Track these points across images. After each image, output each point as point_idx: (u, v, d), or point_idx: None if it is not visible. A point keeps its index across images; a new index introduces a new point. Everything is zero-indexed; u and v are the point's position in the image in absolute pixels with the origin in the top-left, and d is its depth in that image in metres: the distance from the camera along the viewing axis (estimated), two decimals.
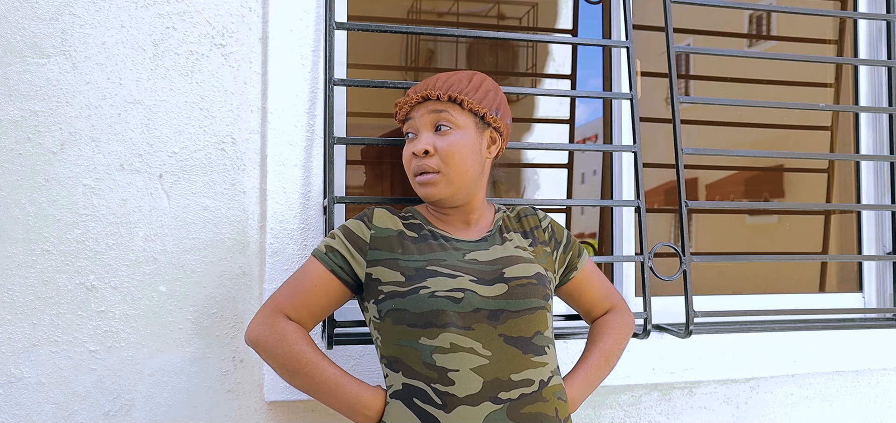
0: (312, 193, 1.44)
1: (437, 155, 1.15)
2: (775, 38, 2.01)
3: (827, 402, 1.79)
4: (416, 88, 1.20)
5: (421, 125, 1.18)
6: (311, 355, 1.12)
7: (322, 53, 1.45)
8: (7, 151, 1.33)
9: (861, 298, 1.97)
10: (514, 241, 1.21)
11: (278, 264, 1.41)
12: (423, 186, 1.17)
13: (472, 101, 1.16)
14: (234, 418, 1.42)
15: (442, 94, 1.16)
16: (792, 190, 2.00)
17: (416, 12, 1.70)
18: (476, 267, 1.12)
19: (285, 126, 1.43)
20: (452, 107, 1.16)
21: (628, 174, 1.73)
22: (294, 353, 1.11)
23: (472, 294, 1.08)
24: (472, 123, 1.18)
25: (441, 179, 1.16)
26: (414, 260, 1.13)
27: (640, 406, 1.65)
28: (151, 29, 1.40)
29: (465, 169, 1.16)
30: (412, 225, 1.20)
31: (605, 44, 1.66)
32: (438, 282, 1.08)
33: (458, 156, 1.15)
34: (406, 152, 1.21)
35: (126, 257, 1.37)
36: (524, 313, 1.10)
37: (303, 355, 1.11)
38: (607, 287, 1.36)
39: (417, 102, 1.18)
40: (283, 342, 1.12)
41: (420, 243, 1.16)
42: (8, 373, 1.32)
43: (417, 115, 1.18)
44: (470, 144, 1.17)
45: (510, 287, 1.11)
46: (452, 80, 1.18)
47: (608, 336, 1.30)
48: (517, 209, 1.31)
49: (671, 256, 1.67)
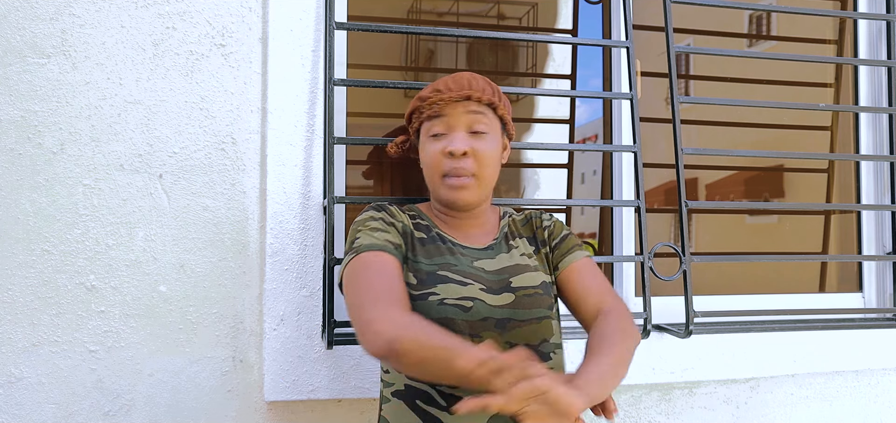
0: (312, 193, 1.44)
1: (473, 158, 1.13)
2: (775, 38, 2.01)
3: (827, 402, 1.79)
4: (447, 84, 1.15)
5: (456, 124, 1.14)
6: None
7: (322, 53, 1.45)
8: (7, 151, 1.33)
9: (861, 298, 1.97)
10: (520, 248, 1.19)
11: (278, 264, 1.41)
12: (453, 190, 1.13)
13: (502, 106, 1.17)
14: (234, 418, 1.42)
15: (482, 96, 1.14)
16: (792, 190, 2.00)
17: (416, 12, 1.70)
18: (484, 276, 1.11)
19: (285, 126, 1.43)
20: (488, 110, 1.15)
21: (628, 174, 1.73)
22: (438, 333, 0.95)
23: (480, 303, 1.07)
24: (499, 128, 1.18)
25: (475, 183, 1.13)
26: (424, 263, 1.11)
27: (640, 406, 1.65)
28: (151, 29, 1.40)
29: (493, 174, 1.16)
30: (419, 225, 1.18)
31: (605, 44, 1.66)
32: (448, 289, 1.07)
33: (491, 160, 1.14)
34: (433, 150, 1.15)
35: (126, 257, 1.37)
36: (530, 322, 1.09)
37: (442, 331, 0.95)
38: (603, 286, 1.18)
39: (455, 101, 1.13)
40: (420, 322, 0.96)
41: (429, 244, 1.14)
42: (8, 373, 1.32)
43: (453, 113, 1.14)
44: (497, 149, 1.17)
45: (517, 297, 1.09)
46: (481, 83, 1.16)
47: (614, 341, 1.06)
48: (526, 212, 1.28)
49: (671, 256, 1.67)
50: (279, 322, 1.40)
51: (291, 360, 1.40)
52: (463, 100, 1.14)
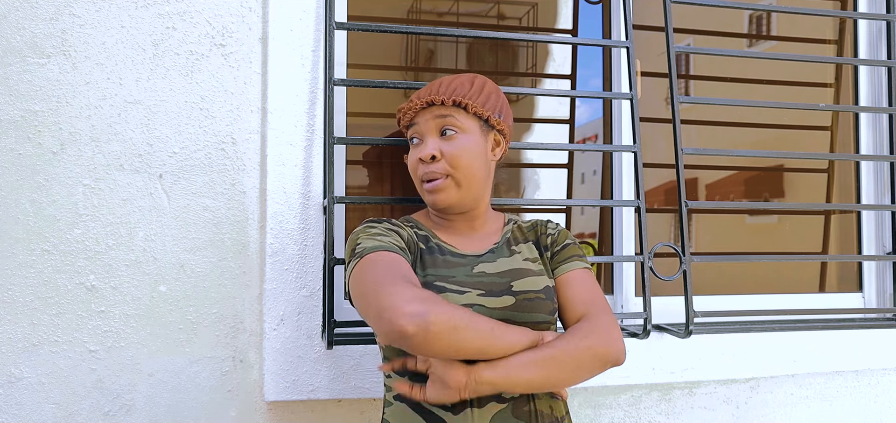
0: (312, 193, 1.44)
1: (444, 159, 1.14)
2: (775, 38, 2.01)
3: (827, 402, 1.79)
4: (419, 93, 1.18)
5: (426, 130, 1.17)
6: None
7: (322, 53, 1.45)
8: (7, 151, 1.33)
9: (861, 298, 1.97)
10: (523, 253, 1.19)
11: (278, 264, 1.41)
12: (431, 194, 1.16)
13: (476, 104, 1.16)
14: (234, 418, 1.42)
15: (446, 98, 1.15)
16: (792, 190, 2.00)
17: (416, 12, 1.70)
18: (484, 280, 1.11)
19: (285, 126, 1.43)
20: (457, 111, 1.16)
21: (628, 174, 1.73)
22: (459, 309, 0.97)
23: (479, 309, 1.06)
24: (477, 126, 1.17)
25: (450, 184, 1.15)
26: (420, 274, 1.10)
27: (640, 406, 1.65)
28: (151, 29, 1.40)
29: (472, 172, 1.15)
30: (418, 235, 1.18)
31: (605, 44, 1.66)
32: (447, 299, 1.06)
33: (465, 159, 1.14)
34: (412, 159, 1.19)
35: (126, 257, 1.37)
36: (528, 325, 1.09)
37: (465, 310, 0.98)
38: (594, 298, 1.15)
39: (422, 108, 1.17)
40: (448, 302, 0.96)
41: (426, 255, 1.14)
42: (8, 373, 1.32)
43: (422, 120, 1.17)
44: (476, 147, 1.16)
45: (517, 300, 1.09)
46: (455, 84, 1.18)
47: (567, 337, 1.05)
48: (532, 220, 1.28)
49: (671, 256, 1.67)
50: (279, 322, 1.40)
51: (291, 360, 1.40)
52: (427, 106, 1.16)
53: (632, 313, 1.56)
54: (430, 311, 0.90)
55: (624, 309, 1.72)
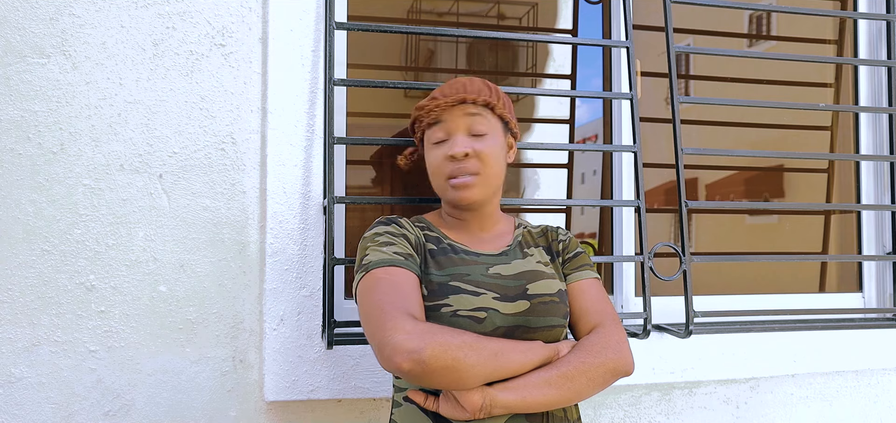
0: (312, 193, 1.44)
1: (477, 158, 1.15)
2: (775, 38, 2.01)
3: (827, 402, 1.79)
4: (443, 91, 1.18)
5: (454, 128, 1.16)
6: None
7: (322, 53, 1.45)
8: (7, 151, 1.33)
9: (861, 298, 1.97)
10: (535, 256, 1.19)
11: (278, 264, 1.41)
12: (458, 190, 1.15)
13: (501, 106, 1.18)
14: (234, 418, 1.42)
15: (477, 98, 1.16)
16: (792, 190, 2.00)
17: (416, 12, 1.70)
18: (499, 282, 1.10)
19: (285, 126, 1.43)
20: (486, 111, 1.17)
21: (628, 174, 1.73)
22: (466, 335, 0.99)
23: (494, 313, 1.06)
24: (500, 128, 1.20)
25: (479, 181, 1.15)
26: (436, 275, 1.10)
27: (640, 406, 1.65)
28: (151, 29, 1.40)
29: (498, 171, 1.18)
30: (430, 237, 1.18)
31: (605, 44, 1.66)
32: (461, 300, 1.06)
33: (493, 158, 1.16)
34: (436, 156, 1.18)
35: (126, 257, 1.37)
36: (542, 329, 1.09)
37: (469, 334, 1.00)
38: (605, 309, 1.17)
39: (450, 106, 1.17)
40: (449, 330, 0.98)
41: (439, 255, 1.14)
42: (8, 373, 1.32)
43: (450, 117, 1.17)
44: (500, 148, 1.18)
45: (532, 304, 1.09)
46: (477, 85, 1.19)
47: (580, 353, 1.07)
48: (542, 226, 1.29)
49: (671, 256, 1.67)
50: (279, 322, 1.40)
51: (291, 360, 1.40)
52: (459, 103, 1.16)
53: (632, 313, 1.56)
54: (426, 348, 0.91)
55: (624, 309, 1.72)
